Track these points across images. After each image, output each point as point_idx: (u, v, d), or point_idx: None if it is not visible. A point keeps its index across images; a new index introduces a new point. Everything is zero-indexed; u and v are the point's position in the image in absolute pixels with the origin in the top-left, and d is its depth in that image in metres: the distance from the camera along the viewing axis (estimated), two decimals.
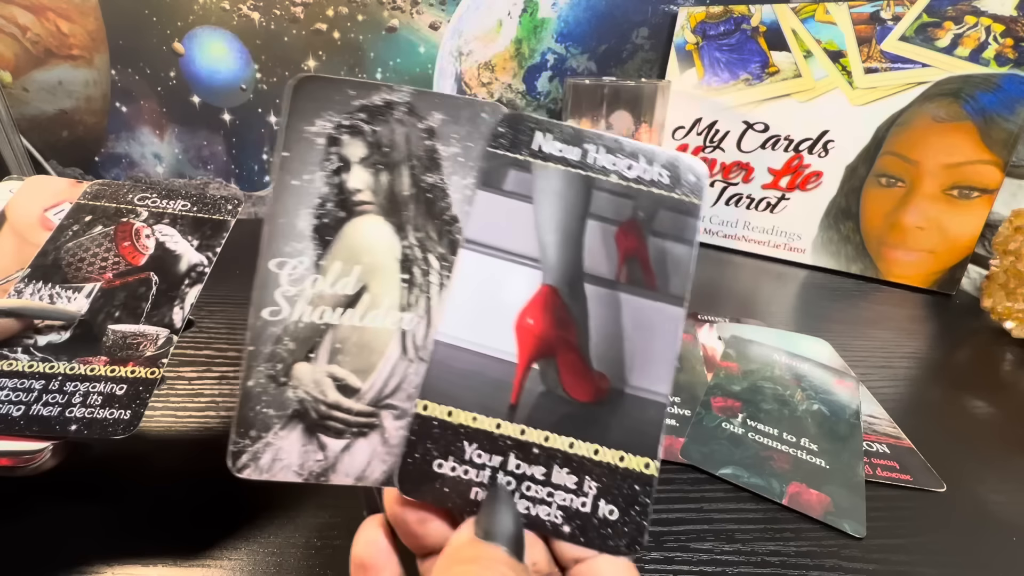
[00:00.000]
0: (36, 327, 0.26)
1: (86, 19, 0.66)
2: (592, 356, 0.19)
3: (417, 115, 0.19)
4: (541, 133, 0.20)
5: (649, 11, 0.68)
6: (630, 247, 0.20)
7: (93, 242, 0.29)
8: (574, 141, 0.20)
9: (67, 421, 0.23)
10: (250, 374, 0.17)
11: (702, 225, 0.19)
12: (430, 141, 0.19)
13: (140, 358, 0.26)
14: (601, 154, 0.20)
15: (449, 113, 0.19)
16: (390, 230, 0.18)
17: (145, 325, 0.27)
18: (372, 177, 0.19)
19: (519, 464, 0.18)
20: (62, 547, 0.26)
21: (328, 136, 0.18)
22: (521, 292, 0.19)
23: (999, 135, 0.52)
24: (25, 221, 0.30)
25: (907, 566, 0.26)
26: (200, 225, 0.31)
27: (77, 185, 0.31)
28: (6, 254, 0.28)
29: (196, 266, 0.29)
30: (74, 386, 0.24)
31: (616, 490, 0.18)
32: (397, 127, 0.19)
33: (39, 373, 0.24)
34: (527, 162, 0.20)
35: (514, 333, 0.19)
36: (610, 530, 0.18)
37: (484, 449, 0.18)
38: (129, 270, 0.29)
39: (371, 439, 0.18)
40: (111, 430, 0.23)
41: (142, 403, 0.24)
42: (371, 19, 0.67)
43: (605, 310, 0.20)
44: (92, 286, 0.28)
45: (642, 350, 0.19)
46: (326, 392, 0.17)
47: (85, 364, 0.25)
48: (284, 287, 0.18)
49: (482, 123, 0.19)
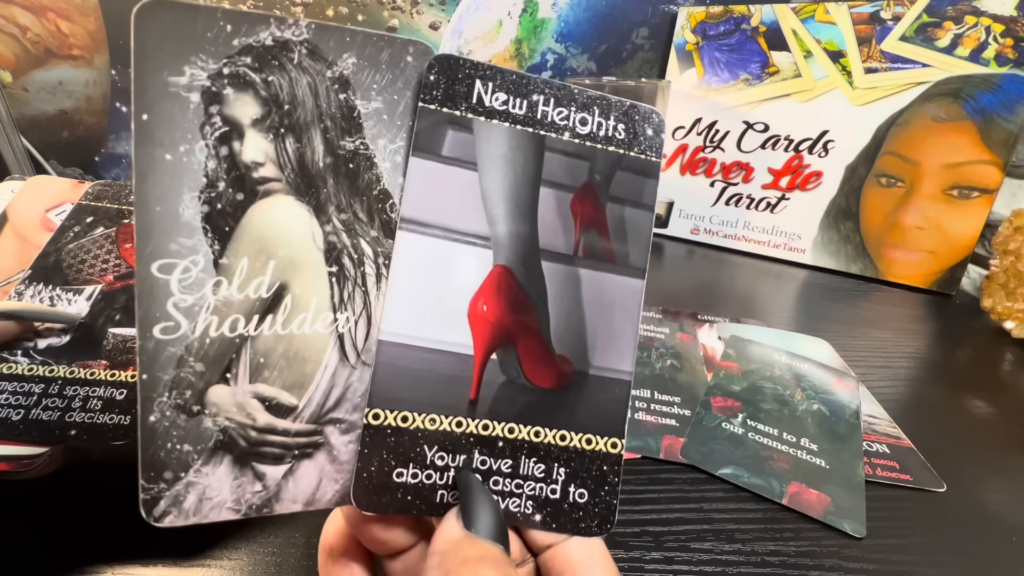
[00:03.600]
0: (36, 330, 0.26)
1: (86, 19, 0.66)
2: (553, 339, 0.18)
3: (322, 59, 0.14)
4: (481, 82, 0.16)
5: (649, 11, 0.68)
6: (587, 215, 0.18)
7: (94, 244, 0.29)
8: (519, 91, 0.17)
9: (67, 426, 0.23)
10: (149, 408, 0.14)
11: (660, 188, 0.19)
12: (344, 94, 0.15)
13: None
14: (551, 106, 0.17)
15: (364, 56, 0.15)
16: (307, 213, 0.15)
17: None
18: (272, 145, 0.14)
19: (484, 460, 0.17)
20: (62, 549, 0.26)
21: (204, 90, 0.13)
22: (472, 276, 0.17)
23: (999, 135, 0.52)
24: (26, 222, 0.30)
25: (907, 566, 0.26)
26: None
27: (79, 186, 0.31)
28: (8, 255, 0.28)
29: None
30: (74, 390, 0.24)
31: (585, 473, 0.17)
32: (299, 75, 0.14)
33: (39, 377, 0.24)
34: (467, 119, 0.16)
35: (468, 322, 0.17)
36: (581, 513, 0.17)
37: (446, 451, 0.16)
38: (130, 272, 0.29)
39: (317, 459, 0.15)
40: (111, 435, 0.23)
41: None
42: (371, 19, 0.67)
43: (564, 289, 0.18)
44: (93, 288, 0.28)
45: (604, 328, 0.18)
46: (254, 416, 0.15)
47: (85, 368, 0.25)
48: (176, 296, 0.14)
49: (408, 68, 0.15)
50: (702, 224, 0.70)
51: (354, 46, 0.15)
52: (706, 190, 0.69)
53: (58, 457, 0.24)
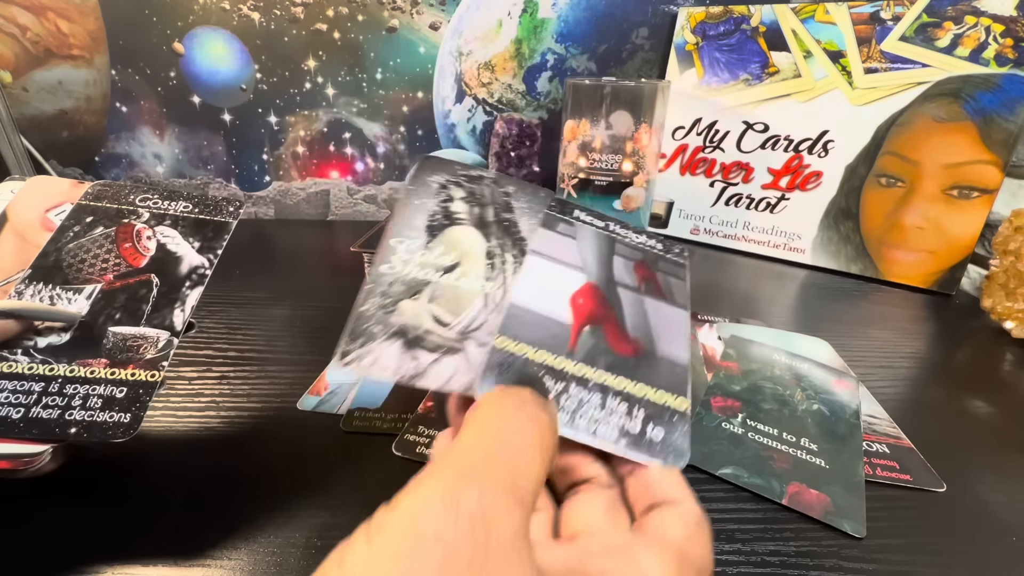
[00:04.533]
0: (36, 328, 0.26)
1: (86, 19, 0.66)
2: (628, 328, 0.25)
3: (498, 184, 0.28)
4: (580, 211, 0.29)
5: (649, 11, 0.68)
6: (644, 274, 0.28)
7: (94, 243, 0.29)
8: (600, 218, 0.29)
9: (67, 424, 0.23)
10: (365, 300, 0.22)
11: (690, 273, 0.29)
12: (507, 198, 0.28)
13: (140, 361, 0.26)
14: (617, 227, 0.29)
15: (519, 187, 0.28)
16: (479, 234, 0.26)
17: (146, 327, 0.27)
18: (468, 207, 0.26)
19: (579, 391, 0.22)
20: (62, 548, 0.26)
21: (440, 183, 0.27)
22: (571, 284, 0.26)
23: (999, 135, 0.52)
24: (26, 222, 0.30)
25: (907, 566, 0.26)
26: (202, 227, 0.31)
27: (79, 186, 0.31)
28: (7, 255, 0.28)
29: (197, 268, 0.29)
30: (74, 388, 0.24)
31: (659, 418, 0.22)
32: (486, 187, 0.27)
33: (39, 375, 0.24)
34: (571, 220, 0.29)
35: (569, 306, 0.25)
36: (658, 448, 0.21)
37: (549, 376, 0.22)
38: (130, 272, 0.29)
39: (456, 358, 0.22)
40: (111, 433, 0.23)
41: (142, 406, 0.24)
42: (371, 19, 0.67)
43: (633, 306, 0.26)
44: (93, 287, 0.28)
45: (663, 332, 0.26)
46: (424, 321, 0.22)
47: (85, 366, 0.25)
48: (400, 254, 0.24)
49: (541, 199, 0.29)
50: (702, 224, 0.70)
51: (515, 183, 0.28)
52: (706, 190, 0.69)
53: (59, 455, 0.24)
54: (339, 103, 0.72)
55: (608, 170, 0.63)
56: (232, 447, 0.33)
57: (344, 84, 0.70)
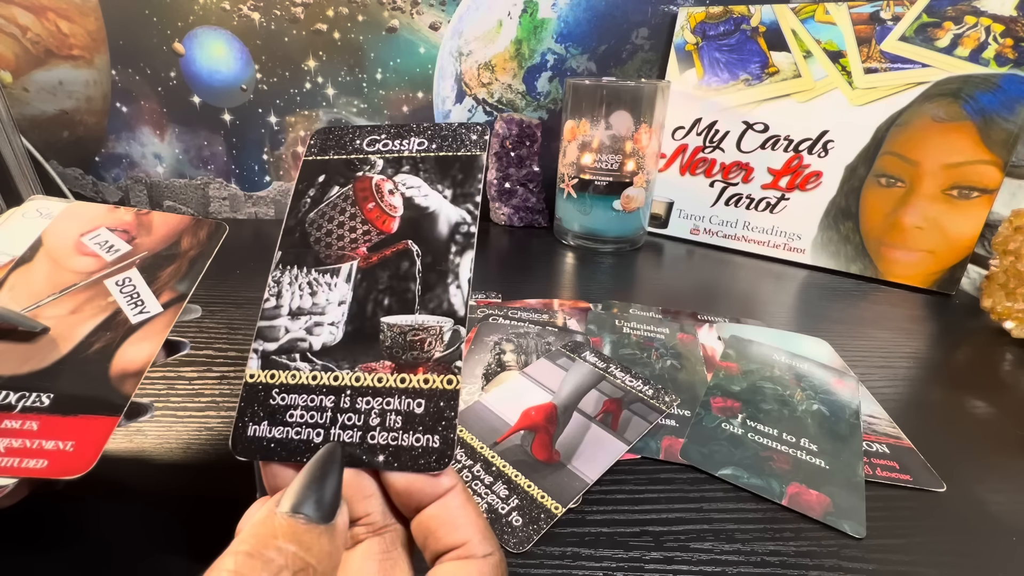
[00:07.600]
0: (307, 327, 0.21)
1: (86, 19, 0.66)
2: (557, 444, 0.33)
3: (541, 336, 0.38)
4: (591, 353, 0.40)
5: (649, 11, 0.68)
6: (610, 408, 0.36)
7: (334, 208, 0.23)
8: (603, 360, 0.39)
9: (373, 450, 0.19)
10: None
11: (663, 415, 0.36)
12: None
13: (428, 361, 0.20)
14: (617, 371, 0.39)
15: (557, 336, 0.38)
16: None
17: (423, 314, 0.21)
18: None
19: (478, 472, 0.30)
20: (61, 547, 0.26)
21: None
22: (534, 400, 0.36)
23: (999, 135, 0.52)
24: (60, 246, 0.28)
25: (907, 566, 0.26)
26: (446, 167, 0.24)
27: (114, 210, 0.29)
28: (40, 279, 0.26)
29: (458, 225, 0.23)
30: (367, 403, 0.20)
31: (528, 511, 0.28)
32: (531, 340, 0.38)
33: (325, 386, 0.20)
34: (573, 358, 0.40)
35: (519, 414, 0.35)
36: (509, 533, 0.26)
37: (466, 455, 0.31)
38: (383, 240, 0.23)
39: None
40: (423, 463, 0.18)
41: (448, 425, 0.19)
42: (371, 19, 0.67)
43: (578, 429, 0.34)
44: (349, 266, 0.22)
45: (588, 454, 0.32)
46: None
47: (371, 372, 0.20)
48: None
49: (551, 344, 0.39)
50: (702, 224, 0.70)
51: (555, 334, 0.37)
52: (706, 190, 0.69)
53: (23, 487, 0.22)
54: (339, 103, 0.72)
55: (608, 170, 0.63)
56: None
57: (344, 84, 0.70)
